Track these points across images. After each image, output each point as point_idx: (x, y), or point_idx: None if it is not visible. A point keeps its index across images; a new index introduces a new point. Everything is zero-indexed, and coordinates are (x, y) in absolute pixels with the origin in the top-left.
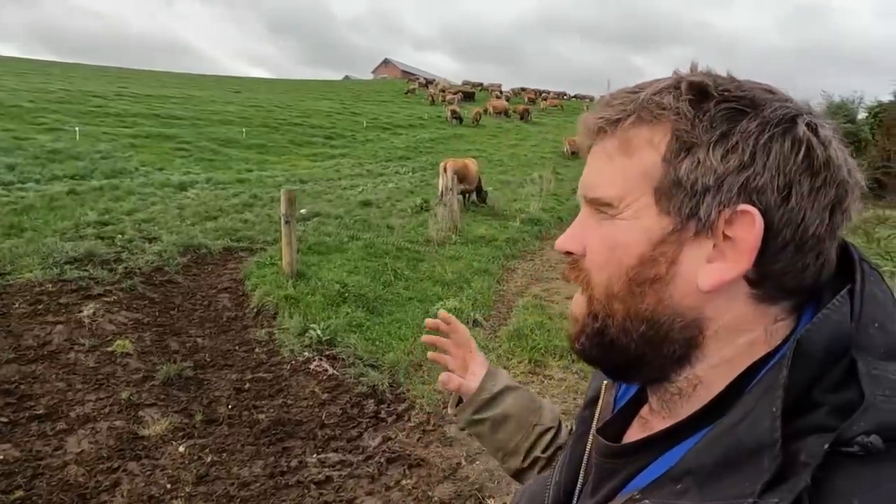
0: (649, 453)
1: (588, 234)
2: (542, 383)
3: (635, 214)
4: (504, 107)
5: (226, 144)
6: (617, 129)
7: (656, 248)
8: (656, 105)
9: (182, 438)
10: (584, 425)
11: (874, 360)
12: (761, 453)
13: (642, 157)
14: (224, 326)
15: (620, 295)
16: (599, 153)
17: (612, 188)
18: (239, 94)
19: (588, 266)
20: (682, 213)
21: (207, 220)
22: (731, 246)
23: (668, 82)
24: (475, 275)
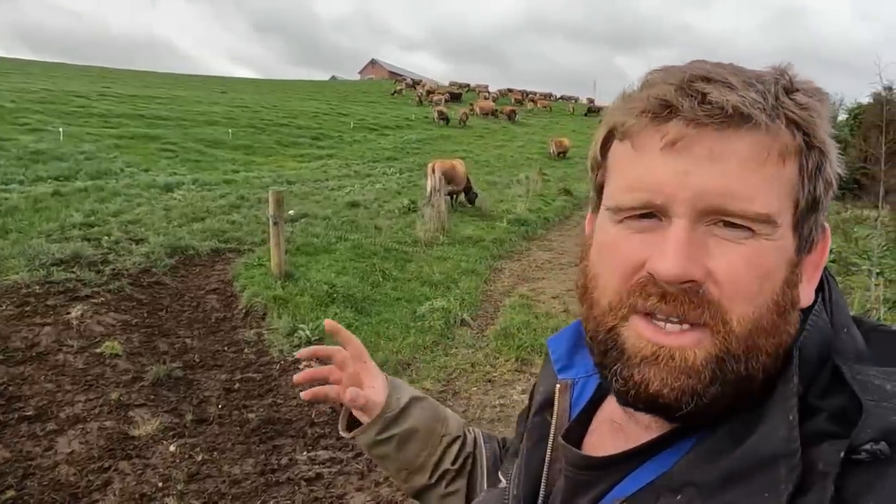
0: (631, 462)
1: (709, 257)
2: (528, 381)
3: (782, 234)
4: (491, 108)
5: (212, 145)
6: (776, 126)
7: (793, 272)
8: (803, 108)
9: (173, 438)
10: (537, 432)
11: (852, 364)
12: (777, 462)
13: (791, 167)
14: (213, 327)
15: (770, 328)
16: (748, 152)
17: (775, 202)
18: (225, 94)
19: (719, 296)
20: (805, 231)
21: (194, 222)
22: (811, 261)
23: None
24: (462, 275)
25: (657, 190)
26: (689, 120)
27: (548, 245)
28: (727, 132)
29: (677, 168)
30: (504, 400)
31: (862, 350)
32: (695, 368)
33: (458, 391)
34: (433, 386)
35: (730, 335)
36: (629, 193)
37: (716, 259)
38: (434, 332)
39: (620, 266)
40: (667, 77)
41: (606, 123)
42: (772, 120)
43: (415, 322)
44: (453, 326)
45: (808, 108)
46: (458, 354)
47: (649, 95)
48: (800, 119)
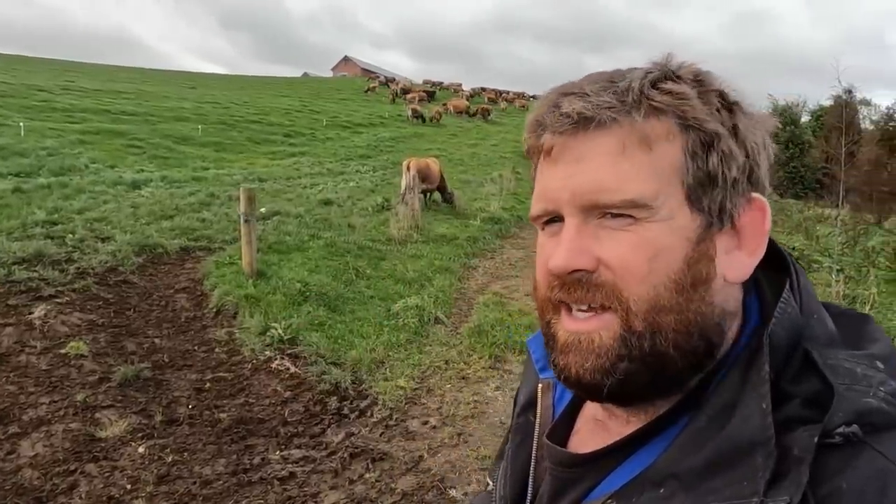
0: (615, 457)
1: (598, 246)
2: (501, 378)
3: (670, 214)
4: (465, 106)
5: (181, 142)
6: (629, 120)
7: (698, 247)
8: (668, 94)
9: (141, 439)
10: (521, 432)
11: (822, 349)
12: (753, 450)
13: (665, 151)
14: (182, 327)
15: (672, 305)
16: (606, 149)
17: (646, 187)
18: (194, 90)
19: (613, 280)
20: (712, 207)
21: (163, 219)
22: (746, 235)
23: (660, 70)
24: (436, 273)
25: (549, 197)
26: (553, 131)
27: (521, 243)
28: (583, 135)
29: (557, 174)
30: (478, 397)
31: (832, 335)
32: (603, 348)
33: (433, 389)
34: (407, 383)
35: (628, 313)
36: (535, 204)
37: (605, 247)
38: (408, 330)
39: (542, 267)
40: (544, 97)
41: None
42: (625, 114)
43: (389, 320)
44: (427, 324)
45: (674, 94)
46: (433, 352)
47: (530, 117)
48: (664, 106)
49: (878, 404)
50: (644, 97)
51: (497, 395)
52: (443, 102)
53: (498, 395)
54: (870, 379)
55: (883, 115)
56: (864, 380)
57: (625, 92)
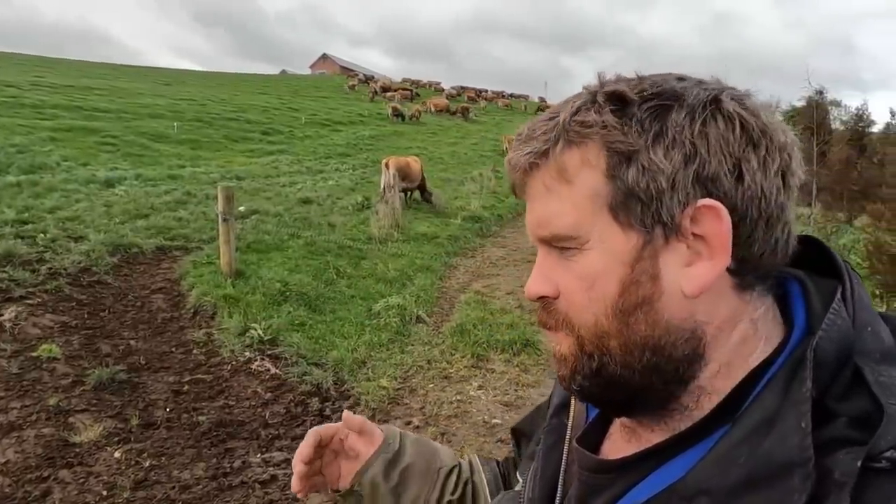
0: (644, 467)
1: (557, 275)
2: (484, 377)
3: (600, 239)
4: (445, 105)
5: (156, 139)
6: (548, 159)
7: (635, 268)
8: (580, 125)
9: (117, 444)
10: (555, 434)
11: (875, 366)
12: (791, 471)
13: (584, 179)
14: (159, 328)
15: (612, 330)
16: (537, 189)
17: (567, 219)
18: (169, 86)
19: (566, 308)
20: (646, 222)
21: (138, 219)
22: (704, 243)
23: (583, 99)
24: (418, 272)
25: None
26: (512, 176)
27: (502, 242)
28: (527, 178)
29: (526, 211)
30: (461, 396)
31: (889, 349)
32: (564, 360)
33: (415, 388)
34: (389, 383)
35: (580, 339)
36: None
37: (559, 277)
38: (390, 330)
39: None
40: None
41: None
42: (542, 156)
43: (370, 320)
44: (409, 324)
45: (584, 123)
46: (415, 352)
47: None
48: (576, 137)
49: None
50: (564, 132)
51: (480, 394)
52: (423, 101)
53: (481, 395)
54: None
55: (852, 116)
56: None
57: (553, 129)
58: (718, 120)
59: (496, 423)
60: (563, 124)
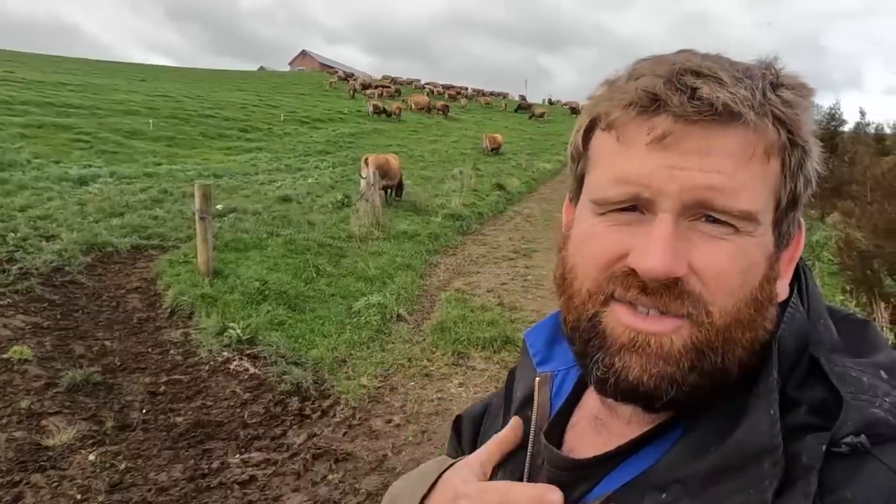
0: (615, 459)
1: (693, 250)
2: (465, 374)
3: (765, 231)
4: (426, 102)
5: (131, 136)
6: (762, 122)
7: (774, 267)
8: (788, 105)
9: (92, 446)
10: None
11: (829, 355)
12: (761, 457)
13: (774, 165)
14: (135, 328)
15: (748, 321)
16: (735, 149)
17: (759, 199)
18: (144, 82)
19: (700, 290)
20: (784, 229)
21: (113, 217)
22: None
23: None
24: (398, 270)
25: (644, 184)
26: (678, 115)
27: (482, 240)
28: (715, 128)
29: (665, 163)
30: (442, 394)
31: (836, 341)
32: (672, 355)
33: (396, 386)
34: (370, 382)
35: (711, 327)
36: (615, 187)
37: (699, 254)
38: (370, 328)
39: (601, 257)
40: (655, 68)
41: (589, 112)
42: (759, 117)
43: (350, 318)
44: (389, 322)
45: (792, 106)
46: (395, 350)
47: (637, 87)
48: (785, 117)
49: (884, 415)
50: (767, 101)
51: (461, 391)
52: (403, 99)
53: (462, 392)
54: (875, 389)
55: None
56: (871, 389)
57: (753, 90)
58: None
59: None
60: (765, 93)
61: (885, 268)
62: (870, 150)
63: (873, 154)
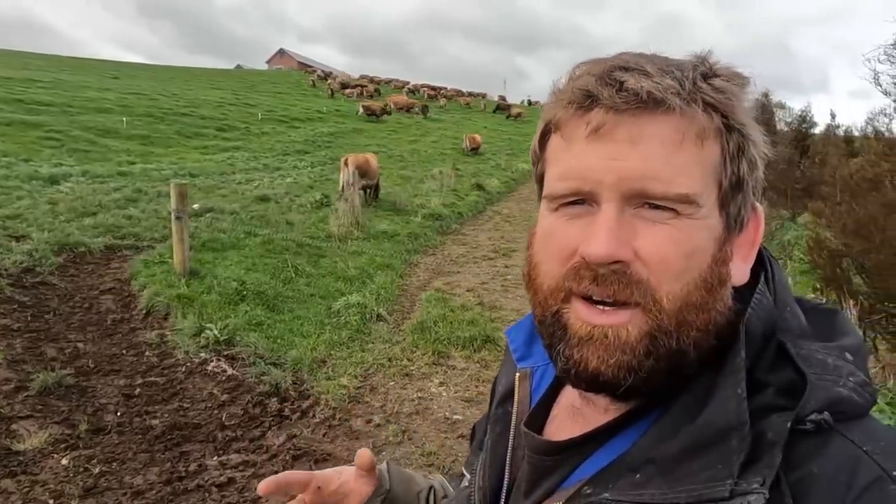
0: (592, 444)
1: (634, 236)
2: (445, 374)
3: (707, 213)
4: (406, 102)
5: (103, 134)
6: (692, 109)
7: (723, 249)
8: (720, 91)
9: (65, 450)
10: (501, 423)
11: (795, 340)
12: (729, 434)
13: (711, 149)
14: (109, 330)
15: (700, 303)
16: (664, 135)
17: (696, 183)
18: (117, 79)
19: (648, 276)
20: (733, 210)
21: (85, 217)
22: (749, 245)
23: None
24: (378, 270)
25: (585, 177)
26: (609, 107)
27: (462, 239)
28: (644, 117)
29: (602, 154)
30: (422, 393)
31: (803, 327)
32: (629, 344)
33: (376, 386)
34: (350, 382)
35: (661, 312)
36: (561, 182)
37: (643, 240)
38: (350, 328)
39: (557, 252)
40: (590, 68)
41: (543, 118)
42: (687, 104)
43: (330, 318)
44: (369, 322)
45: (724, 92)
46: (375, 349)
47: (573, 87)
48: (716, 102)
49: (847, 394)
50: (698, 90)
51: (441, 390)
52: (383, 98)
53: (442, 391)
54: (840, 369)
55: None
56: (835, 370)
57: (682, 80)
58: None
59: (457, 420)
60: (695, 81)
61: (853, 266)
62: (839, 151)
63: (842, 155)
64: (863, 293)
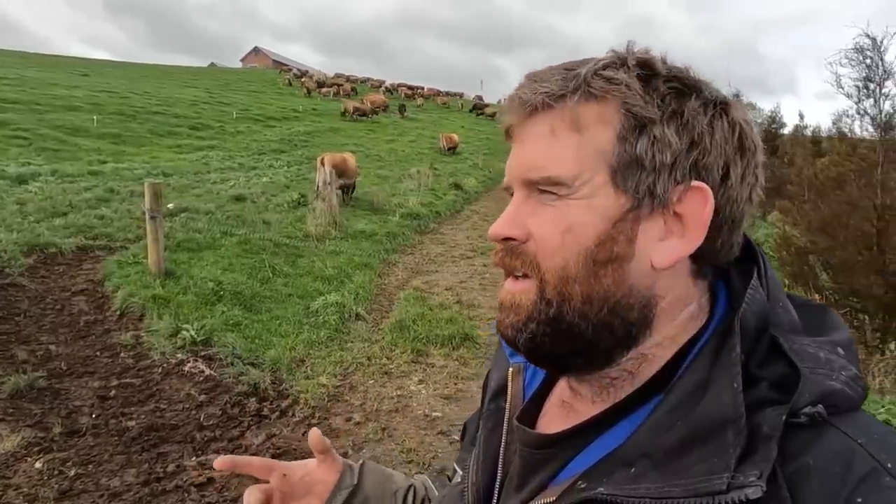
0: (583, 438)
1: (530, 218)
2: (424, 371)
3: (591, 193)
4: (383, 101)
5: (73, 133)
6: (563, 105)
7: (615, 227)
8: (605, 80)
9: (39, 454)
10: (493, 418)
11: (787, 335)
12: (724, 428)
13: (595, 134)
14: (82, 331)
15: (579, 277)
16: (540, 131)
17: (565, 166)
18: (87, 77)
19: (535, 251)
20: (640, 190)
21: (55, 217)
22: (680, 223)
23: (611, 58)
24: (356, 269)
25: (506, 173)
26: (512, 115)
27: (440, 238)
28: (529, 120)
29: (511, 155)
30: (402, 391)
31: (795, 322)
32: (521, 307)
33: (356, 385)
34: (329, 381)
35: (543, 282)
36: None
37: (533, 221)
38: (328, 328)
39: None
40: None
41: None
42: (559, 99)
43: (308, 318)
44: (348, 321)
45: (610, 80)
46: (354, 349)
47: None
48: (598, 91)
49: (840, 387)
50: (584, 83)
51: (420, 388)
52: (360, 97)
53: (421, 389)
54: (832, 363)
55: (766, 119)
56: (828, 364)
57: (573, 78)
58: (724, 121)
59: (437, 417)
60: (586, 76)
61: (819, 263)
62: (807, 151)
63: (809, 155)
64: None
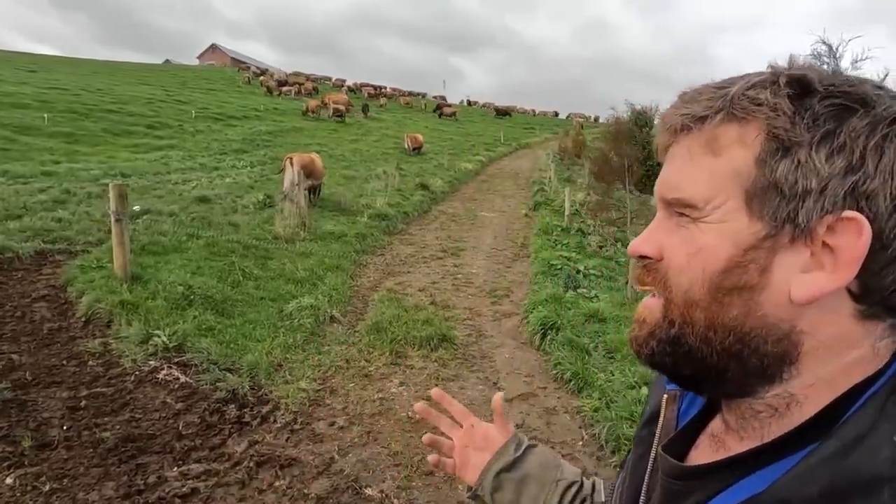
0: (727, 476)
1: (666, 238)
2: (404, 374)
3: (723, 217)
4: (345, 101)
5: (22, 131)
6: (703, 126)
7: (746, 254)
8: (750, 101)
9: (9, 469)
10: (643, 445)
11: None
12: (880, 486)
13: (732, 156)
14: (45, 339)
15: (703, 303)
16: (681, 152)
17: (697, 189)
18: (34, 73)
19: (665, 269)
20: (778, 217)
21: (9, 220)
22: (830, 255)
23: (764, 76)
24: (328, 271)
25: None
26: (659, 135)
27: (409, 239)
28: (678, 140)
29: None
30: (383, 394)
31: None
32: (646, 324)
33: (336, 389)
34: (309, 385)
35: (669, 302)
36: None
37: (668, 241)
38: (304, 331)
39: None
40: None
41: None
42: (701, 122)
43: (282, 321)
44: (323, 324)
45: (753, 100)
46: (332, 352)
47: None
48: (740, 113)
49: None
50: (729, 104)
51: (402, 390)
52: (322, 97)
53: (403, 391)
54: None
55: None
56: None
57: (720, 98)
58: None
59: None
60: (733, 96)
61: None
62: None
63: None
64: None
